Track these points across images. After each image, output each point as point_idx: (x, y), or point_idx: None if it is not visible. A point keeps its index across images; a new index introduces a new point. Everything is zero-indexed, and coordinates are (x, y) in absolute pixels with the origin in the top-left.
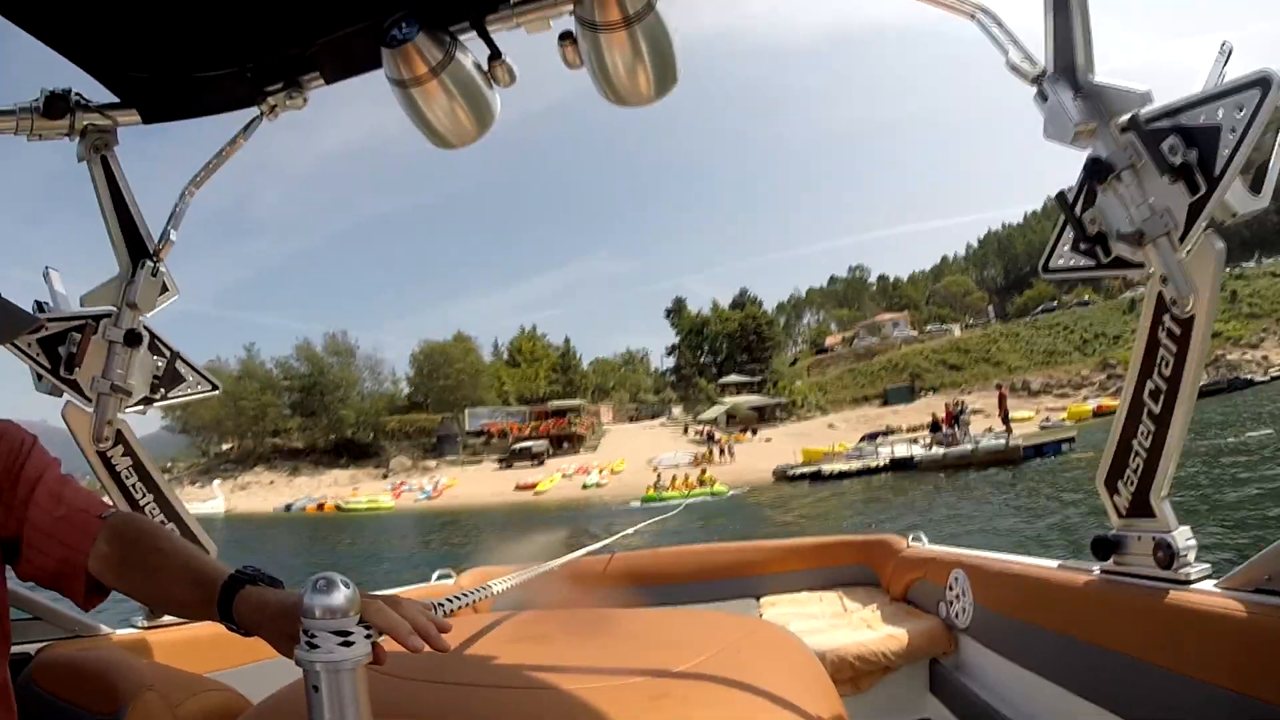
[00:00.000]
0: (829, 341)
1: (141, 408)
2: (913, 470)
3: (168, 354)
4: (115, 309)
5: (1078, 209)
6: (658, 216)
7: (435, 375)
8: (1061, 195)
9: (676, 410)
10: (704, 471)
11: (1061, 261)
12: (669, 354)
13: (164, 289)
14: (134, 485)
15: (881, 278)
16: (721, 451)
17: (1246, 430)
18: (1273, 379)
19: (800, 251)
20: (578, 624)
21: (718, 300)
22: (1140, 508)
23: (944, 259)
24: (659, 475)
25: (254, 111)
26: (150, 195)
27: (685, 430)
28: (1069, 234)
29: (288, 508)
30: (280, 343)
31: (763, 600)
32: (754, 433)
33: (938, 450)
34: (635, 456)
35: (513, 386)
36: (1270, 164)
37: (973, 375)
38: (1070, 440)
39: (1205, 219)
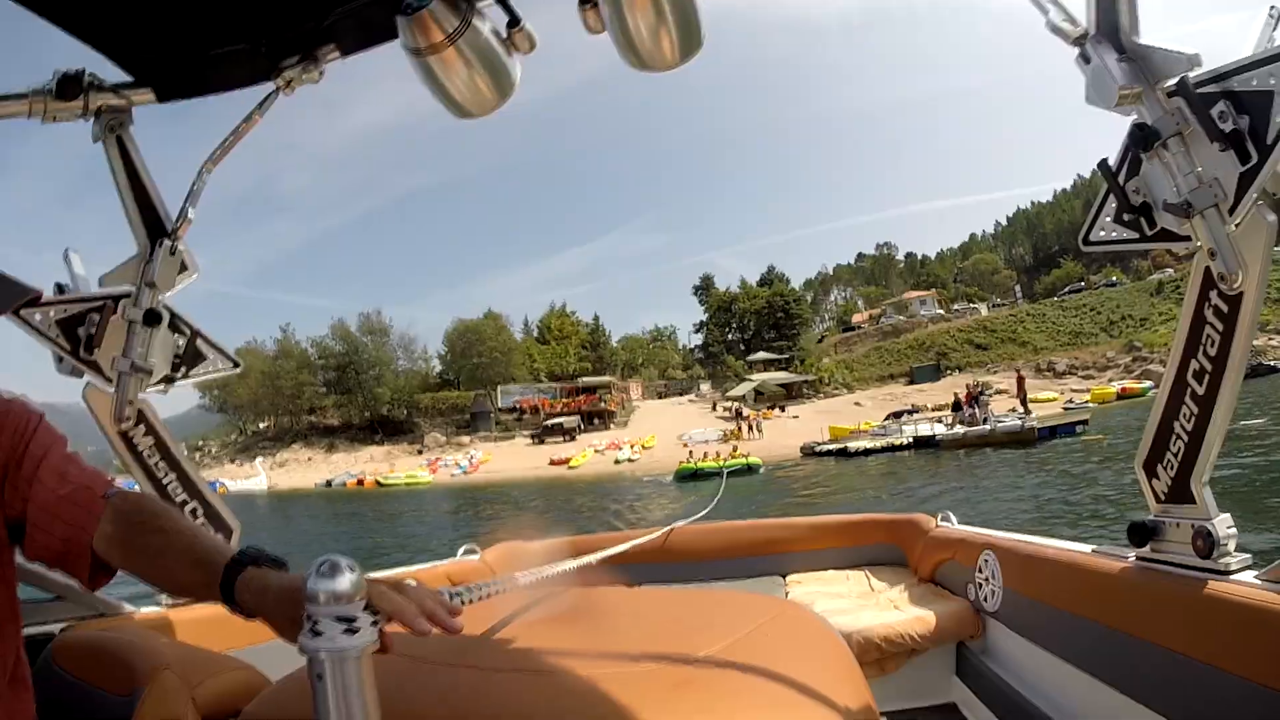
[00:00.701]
0: (856, 319)
1: (163, 387)
2: (935, 448)
3: (188, 333)
4: (134, 289)
5: (1121, 178)
6: (686, 192)
7: (469, 353)
8: (1104, 163)
9: (705, 387)
10: (735, 449)
11: (1103, 234)
12: (697, 331)
13: (183, 268)
14: (156, 464)
15: (909, 255)
16: (750, 428)
17: (1242, 418)
18: None
19: (829, 227)
20: (601, 605)
21: (745, 278)
22: (1180, 493)
23: (972, 237)
24: (690, 451)
25: (270, 87)
26: (177, 174)
27: (714, 407)
28: (1111, 205)
29: (328, 483)
30: (311, 321)
31: (789, 578)
32: (782, 410)
33: (959, 429)
34: (665, 432)
35: (543, 363)
36: None
37: (999, 355)
38: (1084, 422)
39: (1256, 190)
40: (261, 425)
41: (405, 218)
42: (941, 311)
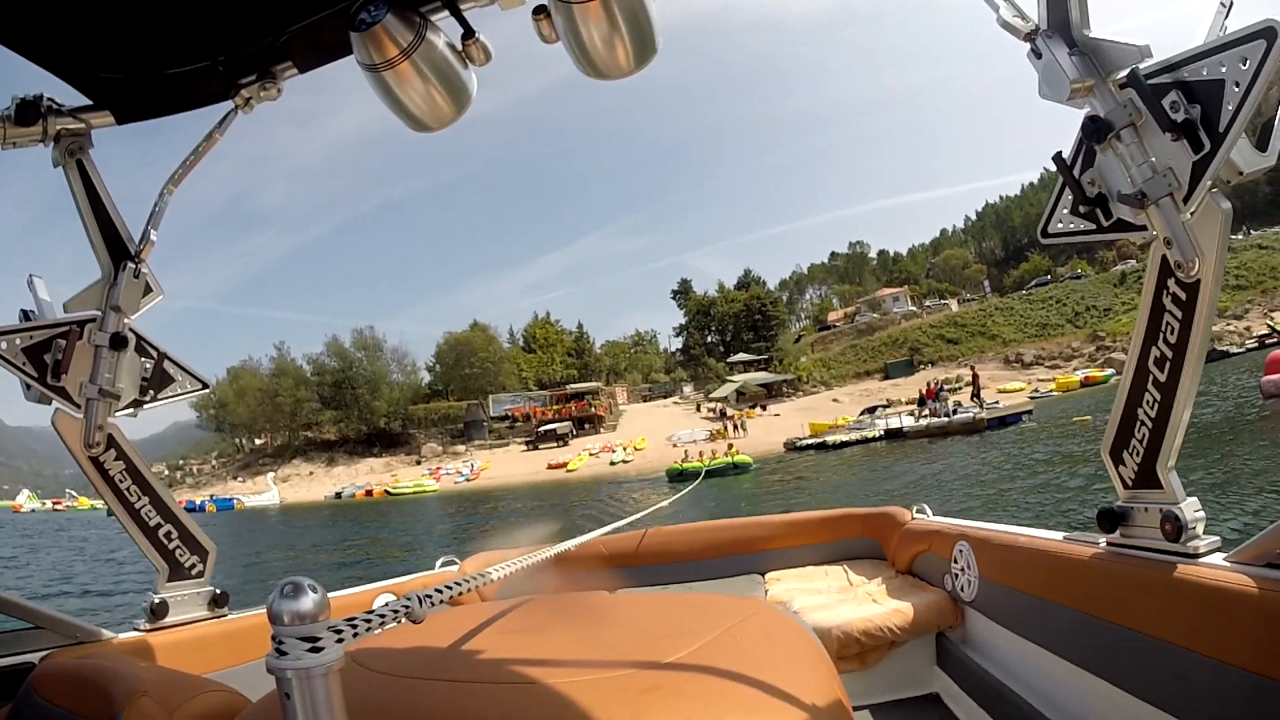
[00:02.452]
0: (831, 317)
1: (132, 411)
2: (903, 439)
3: (155, 355)
4: (100, 313)
5: (1076, 170)
6: (661, 195)
7: (460, 364)
8: (1059, 156)
9: (688, 389)
10: (731, 446)
11: (1061, 226)
12: (677, 334)
13: (148, 290)
14: (128, 489)
15: (882, 253)
16: (735, 427)
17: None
18: (1248, 350)
19: (803, 224)
20: (575, 611)
21: (723, 279)
22: (1146, 479)
23: (943, 232)
24: (685, 451)
25: (229, 105)
26: (147, 194)
27: (698, 408)
28: (1068, 197)
29: (338, 495)
30: (290, 335)
31: (768, 575)
32: (763, 408)
33: (922, 422)
34: (653, 434)
35: (530, 372)
36: (1276, 120)
37: (969, 349)
38: (1028, 413)
39: (1210, 178)
40: (258, 442)
41: (382, 229)
42: (914, 308)
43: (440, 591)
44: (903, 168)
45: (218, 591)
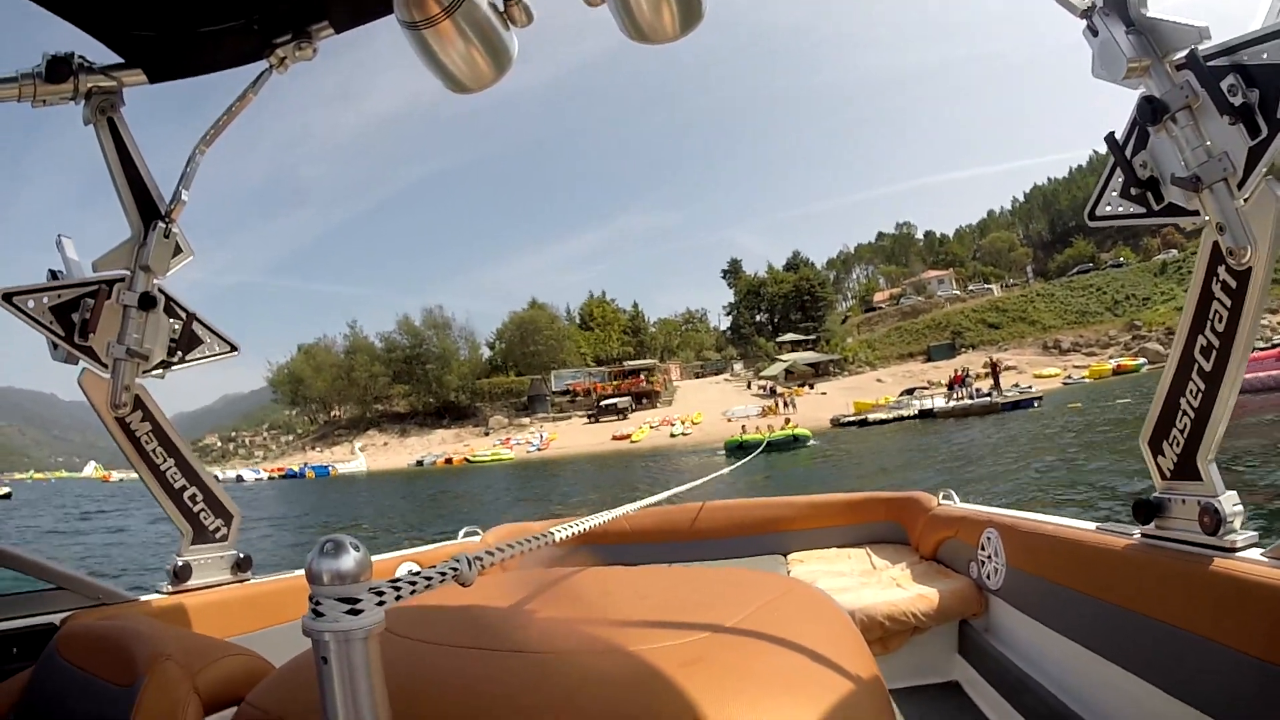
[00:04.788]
0: (877, 298)
1: (160, 372)
2: (933, 418)
3: (184, 316)
4: (129, 273)
5: (1128, 152)
6: (702, 169)
7: (525, 341)
8: (1111, 137)
9: (738, 367)
10: (789, 421)
11: (1109, 208)
12: (726, 313)
13: (178, 250)
14: (154, 450)
15: (928, 234)
16: (786, 404)
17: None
18: (1272, 344)
19: (848, 200)
20: (606, 582)
21: (769, 257)
22: (1186, 470)
23: (990, 214)
24: (742, 426)
25: (263, 65)
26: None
27: (748, 385)
28: (1118, 179)
29: (419, 463)
30: (333, 307)
31: (791, 556)
32: (811, 387)
33: (950, 404)
34: (708, 409)
35: (589, 349)
36: None
37: (1009, 334)
38: (1040, 399)
39: (1266, 164)
40: (333, 414)
41: (421, 204)
42: (957, 291)
43: (489, 555)
44: (948, 144)
45: (241, 555)
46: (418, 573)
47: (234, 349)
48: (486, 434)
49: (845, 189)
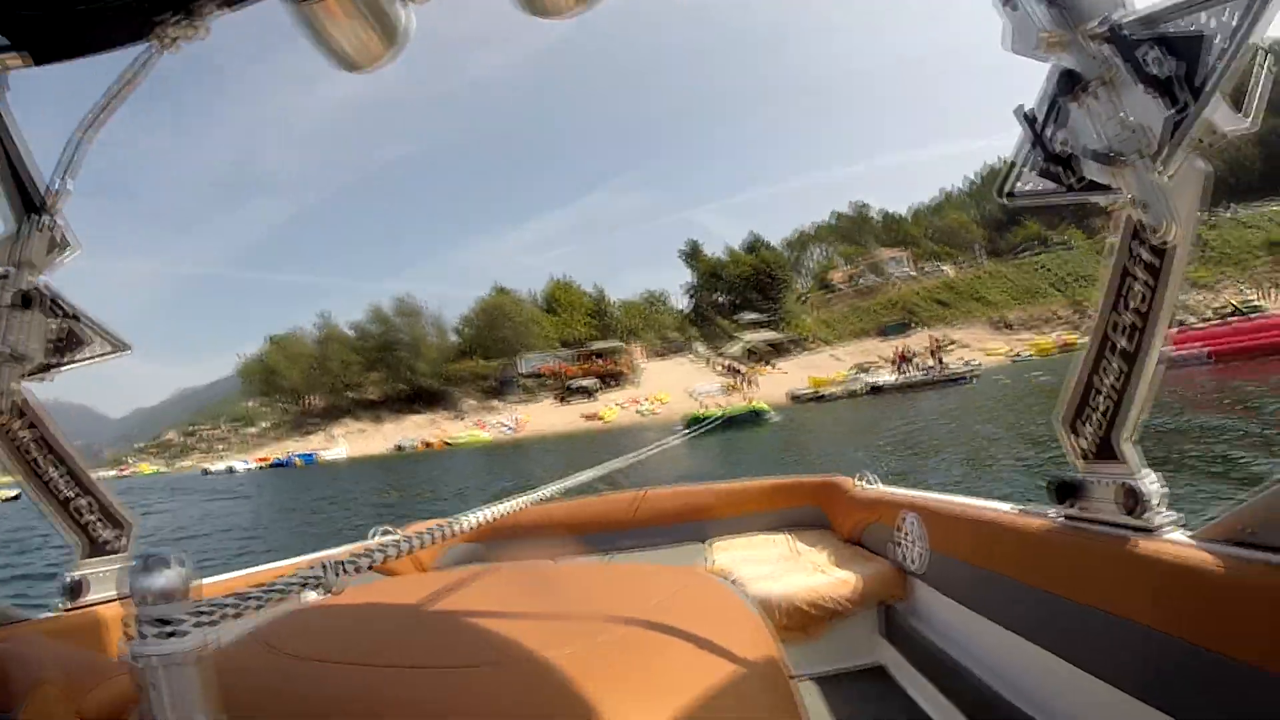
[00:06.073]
0: (834, 277)
1: (42, 375)
2: (881, 393)
3: (67, 315)
4: (6, 269)
5: (1043, 127)
6: (665, 153)
7: (493, 327)
8: (1024, 111)
9: (699, 347)
10: (749, 399)
11: (1026, 186)
12: (687, 294)
13: (63, 245)
14: (39, 460)
15: (885, 213)
16: (748, 382)
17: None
18: (1205, 321)
19: (808, 180)
20: (507, 584)
21: (729, 239)
22: (1104, 450)
23: (946, 194)
24: (702, 403)
25: (151, 47)
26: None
27: (708, 362)
28: (1033, 155)
29: (399, 447)
30: (300, 299)
31: (715, 544)
32: (771, 365)
33: (897, 379)
34: (673, 388)
35: (554, 332)
36: (1253, 84)
37: (961, 311)
38: (976, 376)
39: (1187, 137)
40: (304, 404)
41: (383, 191)
42: (911, 271)
43: (356, 560)
44: (905, 125)
45: None
46: (272, 586)
47: (125, 348)
48: (460, 418)
49: (806, 169)
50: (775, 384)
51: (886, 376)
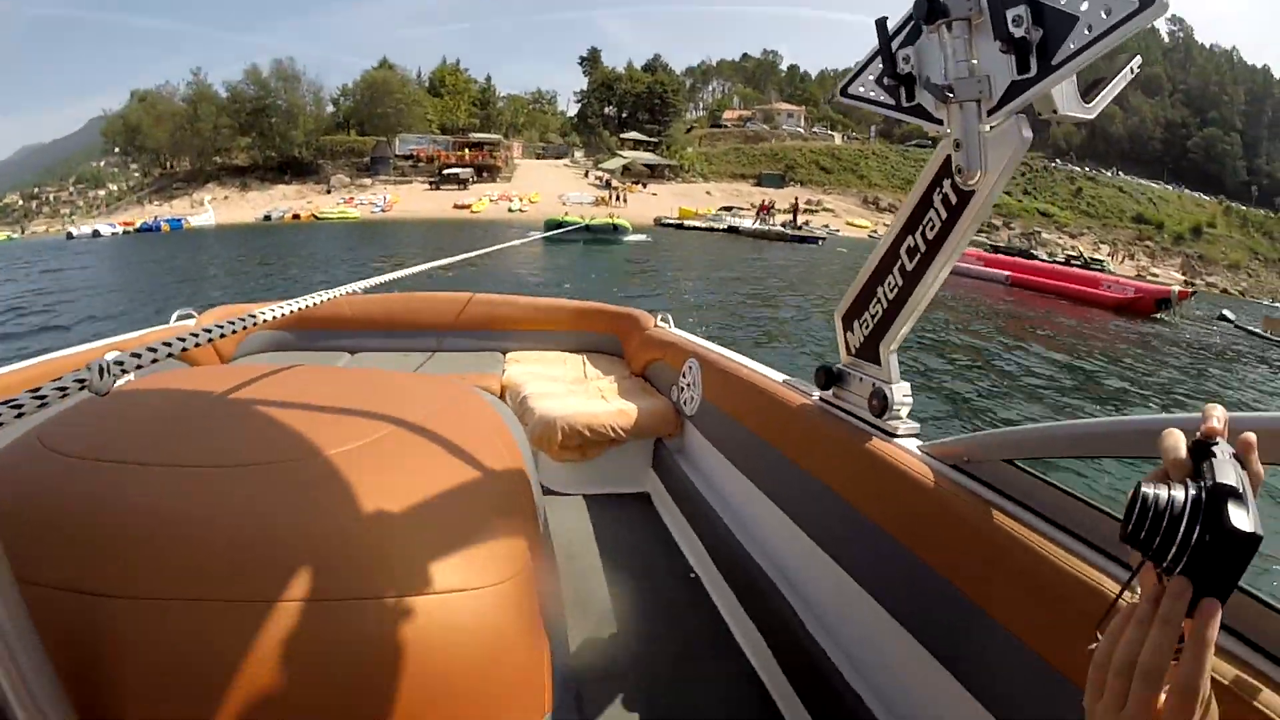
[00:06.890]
0: (727, 116)
1: None
2: (737, 234)
3: None
4: None
5: (895, 42)
6: None
7: (374, 103)
8: (882, 23)
9: (579, 154)
10: (612, 214)
11: (861, 90)
12: (577, 101)
13: None
14: None
15: (792, 68)
16: (618, 198)
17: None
18: (1052, 258)
19: (726, 9)
20: (291, 381)
21: (630, 55)
22: (868, 352)
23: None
24: (567, 211)
25: None
26: None
27: (586, 175)
28: (878, 65)
29: (267, 217)
30: (163, 45)
31: (510, 355)
32: (644, 186)
33: (754, 226)
34: (546, 190)
35: (435, 116)
36: (1110, 83)
37: (838, 180)
38: (823, 239)
39: (1022, 103)
40: (168, 167)
41: None
42: (802, 129)
43: (135, 357)
44: None
45: None
46: (40, 389)
47: None
48: (329, 192)
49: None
50: (644, 205)
51: (747, 222)
